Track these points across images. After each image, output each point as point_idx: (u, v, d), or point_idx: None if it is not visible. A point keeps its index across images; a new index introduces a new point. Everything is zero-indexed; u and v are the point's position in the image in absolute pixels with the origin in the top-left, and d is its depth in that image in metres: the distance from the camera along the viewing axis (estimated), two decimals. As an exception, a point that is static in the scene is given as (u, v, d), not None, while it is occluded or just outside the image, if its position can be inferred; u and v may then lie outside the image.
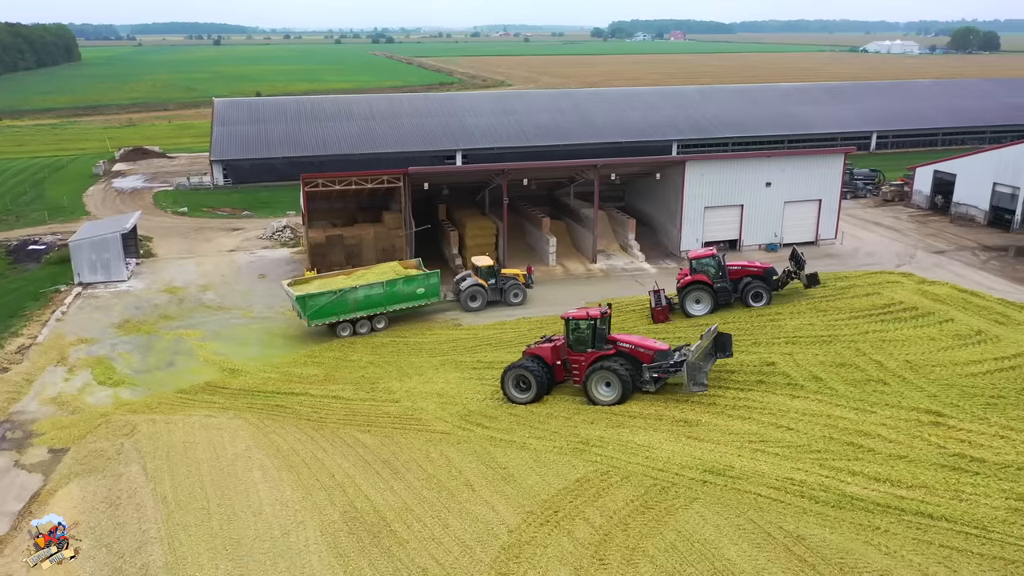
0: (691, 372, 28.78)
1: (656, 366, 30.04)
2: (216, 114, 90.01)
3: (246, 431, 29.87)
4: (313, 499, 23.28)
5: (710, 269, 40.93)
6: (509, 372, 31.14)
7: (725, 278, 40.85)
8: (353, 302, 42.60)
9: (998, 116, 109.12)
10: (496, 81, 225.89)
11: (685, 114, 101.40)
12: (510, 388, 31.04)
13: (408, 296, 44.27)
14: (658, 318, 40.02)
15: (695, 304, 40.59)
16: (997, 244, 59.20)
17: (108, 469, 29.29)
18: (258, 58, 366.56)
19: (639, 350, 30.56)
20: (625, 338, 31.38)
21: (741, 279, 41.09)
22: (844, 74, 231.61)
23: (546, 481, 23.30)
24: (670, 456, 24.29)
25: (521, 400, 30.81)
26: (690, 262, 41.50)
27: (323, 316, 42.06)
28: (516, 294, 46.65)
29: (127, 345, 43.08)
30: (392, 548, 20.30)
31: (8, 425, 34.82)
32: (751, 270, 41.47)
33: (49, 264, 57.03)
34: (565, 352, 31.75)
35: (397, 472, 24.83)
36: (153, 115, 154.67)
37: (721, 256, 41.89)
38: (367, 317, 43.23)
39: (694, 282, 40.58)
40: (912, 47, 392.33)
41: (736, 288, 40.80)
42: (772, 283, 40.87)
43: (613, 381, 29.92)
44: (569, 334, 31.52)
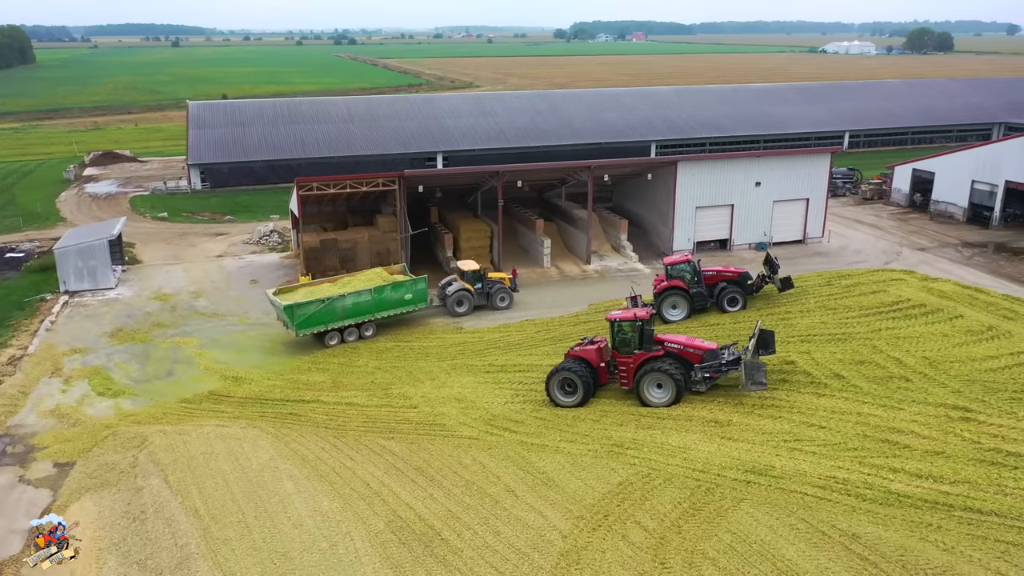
0: (749, 371, 28.44)
1: (707, 366, 29.62)
2: (191, 117, 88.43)
3: (266, 441, 29.29)
4: (353, 509, 22.86)
5: (686, 275, 41.10)
6: (555, 375, 30.51)
7: (701, 283, 41.04)
8: (341, 310, 41.79)
9: (964, 115, 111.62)
10: (464, 82, 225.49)
11: (662, 115, 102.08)
12: (555, 392, 30.46)
13: (396, 303, 43.64)
14: None
15: (672, 309, 40.67)
16: (977, 241, 60.49)
17: (123, 482, 28.52)
18: (219, 60, 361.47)
19: (688, 350, 30.12)
20: (672, 338, 30.92)
21: (717, 284, 41.31)
22: (806, 75, 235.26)
23: (588, 485, 23.16)
24: (708, 457, 24.31)
25: (567, 404, 30.24)
26: (666, 268, 41.61)
27: (311, 325, 41.13)
28: (503, 298, 46.31)
29: (123, 354, 42.08)
30: (447, 557, 19.99)
31: (7, 439, 33.80)
32: (726, 275, 41.73)
33: (30, 272, 55.52)
34: (609, 354, 31.29)
35: (433, 479, 24.50)
36: (117, 118, 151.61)
37: (696, 262, 42.14)
38: (355, 325, 42.41)
39: (670, 288, 40.66)
40: (869, 48, 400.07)
41: (712, 293, 40.99)
42: (747, 287, 41.12)
43: (666, 383, 29.41)
44: (614, 336, 30.98)
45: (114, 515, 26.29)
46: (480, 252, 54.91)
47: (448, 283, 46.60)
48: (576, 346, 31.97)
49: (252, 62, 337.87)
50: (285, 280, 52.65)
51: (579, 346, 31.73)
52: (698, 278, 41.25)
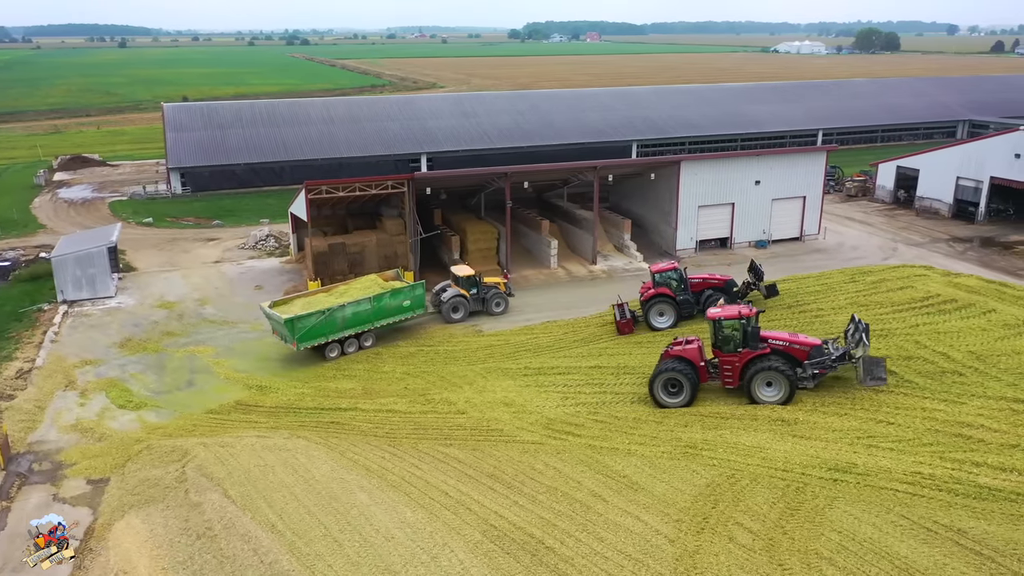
0: (868, 367, 28.21)
1: (816, 362, 29.40)
2: (168, 120, 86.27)
3: (318, 451, 28.58)
4: (441, 519, 22.36)
5: (672, 282, 41.28)
6: (659, 376, 30.01)
7: (687, 290, 41.23)
8: (341, 320, 40.43)
9: (930, 113, 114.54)
10: (427, 83, 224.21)
11: (642, 115, 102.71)
12: (660, 392, 30.05)
13: (395, 310, 42.60)
14: (623, 330, 40.11)
15: (659, 316, 40.74)
16: (966, 236, 62.00)
17: (170, 498, 27.59)
18: (171, 61, 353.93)
19: (794, 347, 29.85)
20: (776, 335, 30.64)
21: (703, 291, 41.53)
22: (763, 74, 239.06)
23: (675, 488, 23.04)
24: (786, 456, 24.39)
25: (672, 404, 29.82)
26: (653, 275, 41.70)
27: (311, 338, 39.58)
28: (498, 303, 45.70)
29: (137, 365, 40.81)
30: (559, 566, 19.65)
31: (32, 456, 32.53)
32: (712, 282, 42.02)
33: (19, 281, 53.56)
34: (710, 353, 30.91)
35: (511, 486, 24.13)
36: (76, 121, 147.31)
37: (683, 269, 42.36)
38: (355, 335, 41.23)
39: (657, 295, 40.75)
40: (819, 47, 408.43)
41: (698, 300, 41.23)
42: (733, 295, 41.39)
43: (778, 381, 29.11)
44: (716, 334, 30.61)
45: (171, 532, 25.40)
46: (487, 254, 54.56)
47: (442, 289, 45.84)
48: (672, 346, 31.50)
49: (206, 63, 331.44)
50: (291, 285, 51.68)
51: (676, 346, 31.22)
52: (684, 285, 41.38)
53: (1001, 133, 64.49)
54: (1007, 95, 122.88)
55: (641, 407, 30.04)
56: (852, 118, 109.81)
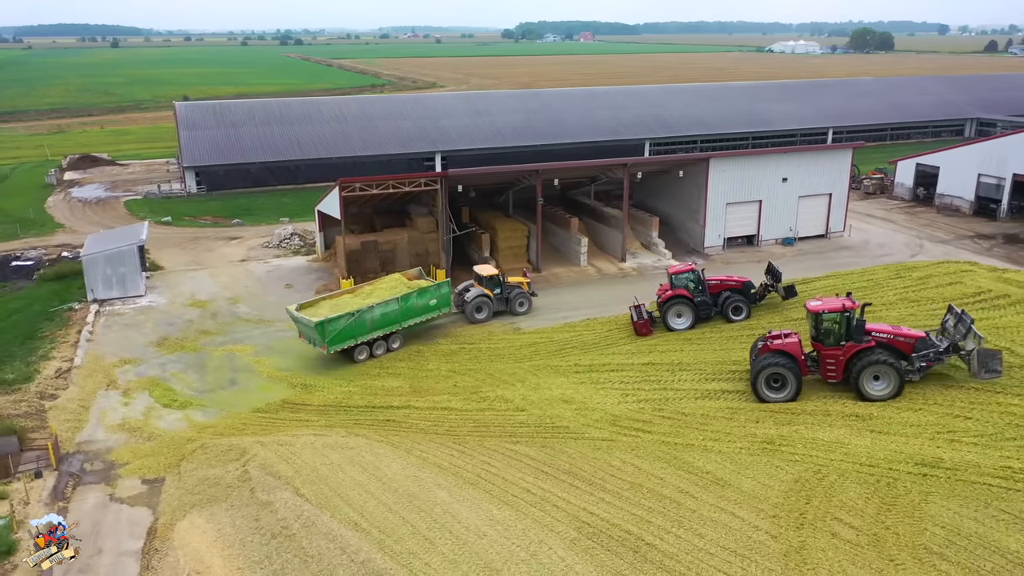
0: (983, 359, 27.85)
1: (924, 354, 28.94)
2: (181, 118, 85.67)
3: (383, 449, 28.28)
4: (529, 516, 22.08)
5: (690, 284, 41.10)
6: (762, 371, 29.52)
7: (705, 292, 40.99)
8: (370, 322, 39.61)
9: (938, 111, 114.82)
10: (426, 83, 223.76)
11: (653, 113, 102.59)
12: (762, 387, 29.59)
13: (422, 309, 41.94)
14: (640, 332, 39.92)
15: (676, 318, 40.46)
16: (989, 232, 62.09)
17: (234, 497, 27.25)
18: (167, 61, 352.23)
19: (898, 339, 29.42)
20: (880, 328, 30.16)
21: (720, 293, 41.26)
22: (762, 73, 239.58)
23: (762, 484, 22.85)
24: (869, 451, 24.23)
25: (776, 399, 29.35)
26: (670, 277, 41.48)
27: (341, 341, 38.67)
28: (522, 303, 45.14)
29: (177, 364, 40.41)
30: (665, 563, 19.42)
31: (82, 456, 32.14)
32: (730, 284, 41.76)
33: (45, 281, 53.01)
34: (810, 346, 30.49)
35: (592, 483, 23.89)
36: (78, 121, 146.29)
37: (700, 271, 42.15)
38: (383, 337, 40.48)
39: (675, 296, 40.50)
40: (814, 47, 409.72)
41: (716, 302, 41.01)
42: (751, 296, 41.18)
43: (887, 375, 28.65)
44: (817, 327, 30.15)
45: (240, 531, 25.07)
46: (517, 252, 54.32)
47: (465, 289, 45.22)
48: (767, 340, 30.95)
49: (202, 63, 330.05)
50: (322, 284, 51.31)
51: (772, 340, 30.71)
52: (702, 287, 41.18)
53: (1024, 130, 64.59)
54: (1013, 93, 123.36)
55: (707, 403, 29.83)
56: (861, 116, 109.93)
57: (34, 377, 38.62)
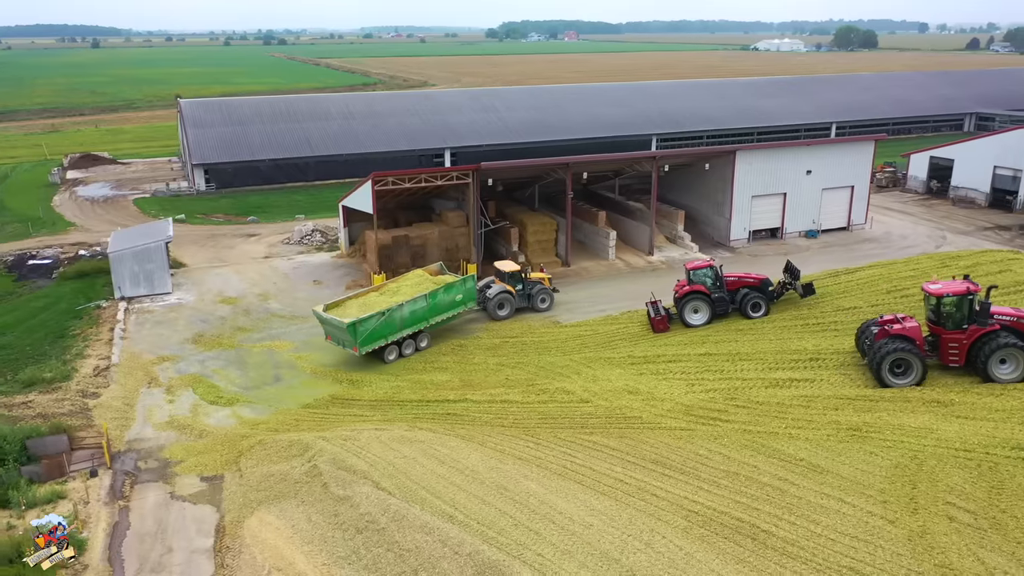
0: None
1: None
2: (187, 116, 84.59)
3: (454, 442, 27.83)
4: (630, 506, 21.70)
5: (708, 280, 40.87)
6: (886, 357, 28.85)
7: (723, 288, 40.75)
8: (400, 321, 38.65)
9: (937, 106, 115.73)
10: (418, 82, 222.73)
11: (658, 108, 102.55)
12: (886, 374, 29.01)
13: (449, 305, 41.09)
14: (658, 328, 39.66)
15: (693, 314, 40.18)
16: (1008, 224, 62.46)
17: (305, 493, 26.67)
18: (150, 60, 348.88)
19: (1022, 322, 28.86)
20: (1002, 311, 29.61)
21: (738, 290, 41.02)
22: (752, 70, 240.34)
23: (860, 470, 22.62)
24: (960, 436, 24.06)
25: (899, 385, 28.83)
26: (688, 273, 41.27)
27: (372, 341, 37.53)
28: (544, 299, 44.58)
29: (217, 361, 39.76)
30: (788, 550, 19.08)
31: (134, 455, 31.52)
32: (748, 281, 41.49)
33: (66, 279, 52.10)
34: (927, 330, 30.03)
35: (685, 472, 23.55)
36: (71, 121, 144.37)
37: (718, 267, 41.92)
38: (411, 336, 39.55)
39: (692, 292, 40.26)
40: (799, 45, 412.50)
41: (733, 299, 40.83)
42: (768, 294, 40.95)
43: (1014, 358, 28.10)
44: (938, 310, 29.64)
45: (318, 527, 24.52)
46: (546, 246, 53.94)
47: (487, 285, 44.46)
48: (883, 325, 30.34)
49: (187, 62, 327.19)
50: (352, 280, 50.76)
51: (890, 325, 30.05)
52: (720, 283, 40.97)
53: (1041, 122, 64.96)
54: (1010, 88, 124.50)
55: (779, 391, 29.58)
56: (863, 111, 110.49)
57: (72, 375, 37.86)
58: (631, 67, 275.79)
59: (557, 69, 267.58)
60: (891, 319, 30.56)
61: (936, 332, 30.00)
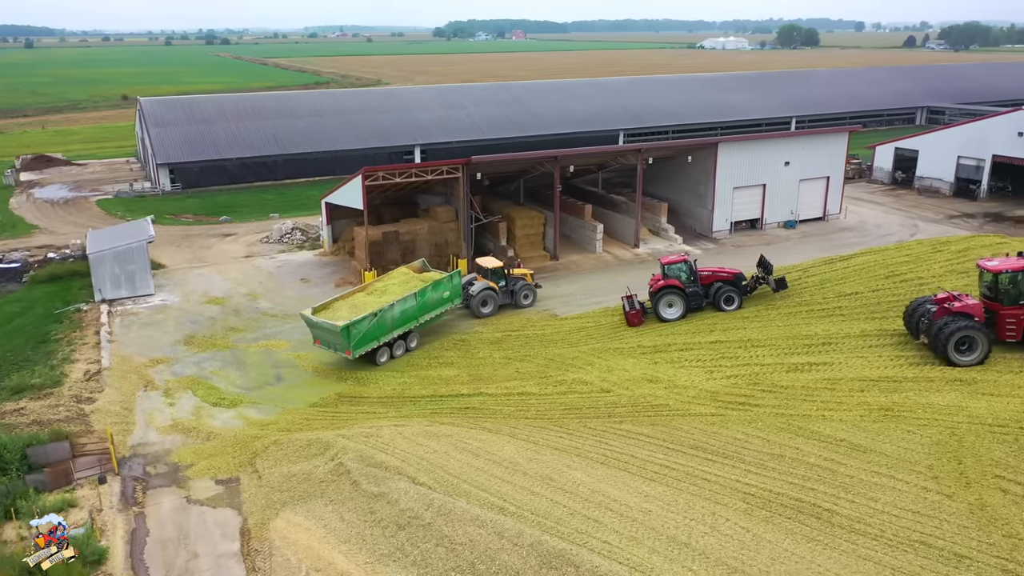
0: None
1: None
2: (148, 115, 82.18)
3: (483, 435, 27.44)
4: (684, 491, 21.56)
5: (682, 274, 41.41)
6: (951, 335, 29.03)
7: (697, 283, 41.28)
8: (392, 321, 37.69)
9: (891, 101, 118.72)
10: (372, 80, 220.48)
11: (622, 104, 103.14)
12: (952, 352, 29.15)
13: (436, 303, 40.38)
14: (632, 322, 40.05)
15: (668, 308, 40.54)
16: (973, 212, 64.30)
17: (332, 491, 25.99)
18: (89, 61, 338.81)
19: None
20: None
21: (712, 284, 41.57)
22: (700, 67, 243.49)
23: (903, 448, 22.91)
24: (991, 412, 24.55)
25: (964, 363, 29.01)
26: (662, 267, 41.75)
27: (365, 343, 36.36)
28: (527, 295, 44.25)
29: (213, 362, 38.64)
30: (855, 526, 19.10)
31: (140, 460, 30.45)
32: (721, 275, 42.08)
33: (37, 283, 50.13)
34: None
35: (728, 456, 23.56)
36: (15, 122, 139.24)
37: (692, 262, 42.45)
38: (402, 336, 38.73)
39: (667, 287, 40.72)
40: (743, 43, 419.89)
41: (707, 293, 41.41)
42: (742, 288, 41.58)
43: None
44: (995, 287, 29.84)
45: (354, 525, 23.88)
46: (534, 240, 53.81)
47: (469, 282, 43.84)
48: (943, 303, 30.47)
49: (128, 62, 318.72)
50: (341, 278, 49.88)
51: (949, 303, 30.19)
52: (694, 277, 41.44)
53: (1004, 112, 67.04)
54: (958, 83, 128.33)
55: (800, 375, 29.86)
56: (821, 106, 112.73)
57: (63, 381, 36.42)
58: (579, 65, 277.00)
59: (508, 67, 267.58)
60: (947, 297, 30.89)
61: (993, 308, 30.41)
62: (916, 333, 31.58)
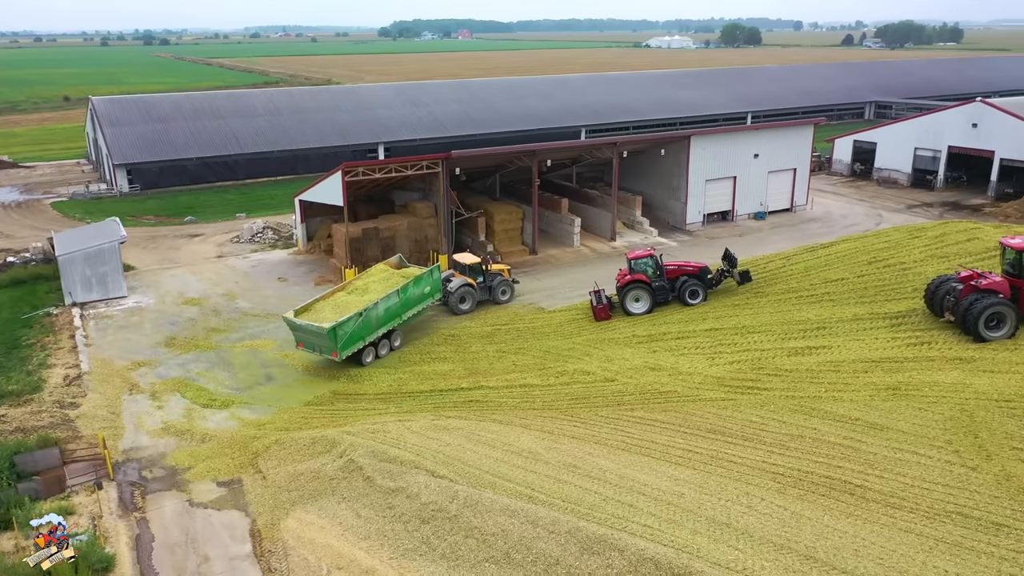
0: None
1: None
2: (101, 114, 79.78)
3: (494, 426, 27.21)
4: (712, 474, 21.61)
5: (648, 269, 41.96)
6: (983, 312, 29.32)
7: (663, 277, 41.82)
8: (376, 320, 37.06)
9: (841, 96, 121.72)
10: (320, 80, 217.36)
11: (580, 101, 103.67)
12: (982, 327, 29.48)
13: (419, 299, 39.96)
14: (599, 316, 40.50)
15: (635, 302, 40.99)
16: (932, 201, 66.29)
17: (344, 488, 25.49)
18: (22, 61, 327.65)
19: None
20: None
21: (678, 278, 42.12)
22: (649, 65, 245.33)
23: (918, 424, 23.37)
24: (996, 389, 25.19)
25: (995, 337, 29.38)
26: (629, 262, 42.30)
27: (352, 344, 35.59)
28: (504, 291, 44.20)
29: (198, 363, 37.65)
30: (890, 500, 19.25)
31: (135, 464, 29.52)
32: (687, 269, 42.70)
33: (0, 287, 48.17)
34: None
35: (748, 438, 23.74)
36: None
37: (658, 256, 43.07)
38: (385, 335, 38.02)
39: (633, 281, 41.16)
40: (688, 42, 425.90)
41: (673, 287, 42.02)
42: (707, 281, 42.26)
43: None
44: (1018, 263, 30.14)
45: (372, 521, 23.41)
46: (513, 235, 53.69)
47: (447, 279, 43.58)
48: (968, 281, 30.77)
49: (65, 63, 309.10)
50: (319, 276, 49.07)
51: (977, 280, 30.49)
52: (660, 272, 41.97)
53: (958, 105, 69.16)
54: (903, 79, 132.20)
55: (802, 359, 30.30)
56: (773, 101, 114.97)
57: (42, 386, 35.07)
58: (527, 64, 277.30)
59: (456, 67, 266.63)
60: (971, 275, 31.43)
61: (1017, 285, 30.93)
62: (939, 311, 32.14)
